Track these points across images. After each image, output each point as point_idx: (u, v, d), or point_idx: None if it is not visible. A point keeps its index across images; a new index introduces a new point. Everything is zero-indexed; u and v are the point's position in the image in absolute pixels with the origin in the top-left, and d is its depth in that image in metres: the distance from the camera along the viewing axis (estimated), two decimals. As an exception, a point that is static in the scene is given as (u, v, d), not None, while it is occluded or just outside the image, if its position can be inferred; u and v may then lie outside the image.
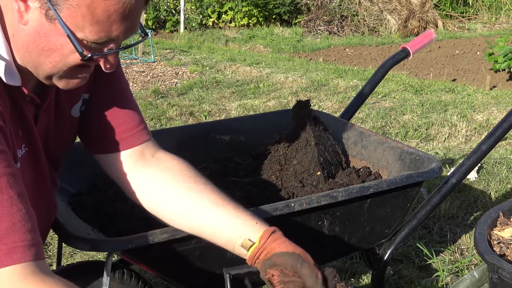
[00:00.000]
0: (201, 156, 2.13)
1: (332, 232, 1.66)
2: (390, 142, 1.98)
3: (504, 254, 1.61)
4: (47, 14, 1.04)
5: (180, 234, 1.35)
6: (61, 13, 1.04)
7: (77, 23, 1.05)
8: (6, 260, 0.96)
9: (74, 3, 1.02)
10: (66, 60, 1.10)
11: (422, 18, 9.78)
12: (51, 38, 1.07)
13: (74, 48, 1.07)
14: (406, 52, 2.32)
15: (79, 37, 1.06)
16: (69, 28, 1.05)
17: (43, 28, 1.06)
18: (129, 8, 1.06)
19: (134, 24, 1.12)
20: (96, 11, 1.03)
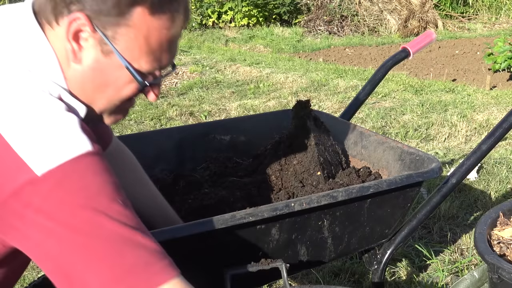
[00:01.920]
0: (201, 156, 2.13)
1: (332, 232, 1.66)
2: (390, 142, 1.98)
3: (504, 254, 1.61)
4: (103, 49, 1.05)
5: (180, 234, 1.35)
6: (118, 46, 1.05)
7: (133, 54, 1.07)
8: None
9: (131, 36, 1.04)
10: (121, 93, 1.11)
11: (422, 18, 9.78)
12: (107, 73, 1.08)
13: (128, 80, 1.09)
14: (406, 52, 2.32)
15: (136, 67, 1.08)
16: (126, 60, 1.07)
17: (99, 63, 1.07)
18: (176, 36, 1.11)
19: (176, 51, 1.16)
20: (151, 42, 1.06)
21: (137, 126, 4.69)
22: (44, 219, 0.94)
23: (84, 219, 0.95)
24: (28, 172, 0.94)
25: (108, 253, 0.95)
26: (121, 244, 0.96)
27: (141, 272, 0.96)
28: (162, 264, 0.99)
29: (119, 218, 0.97)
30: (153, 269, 0.97)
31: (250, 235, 1.50)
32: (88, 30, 1.04)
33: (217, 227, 1.39)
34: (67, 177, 0.95)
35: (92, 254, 0.95)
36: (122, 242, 0.96)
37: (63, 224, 0.94)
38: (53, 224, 0.94)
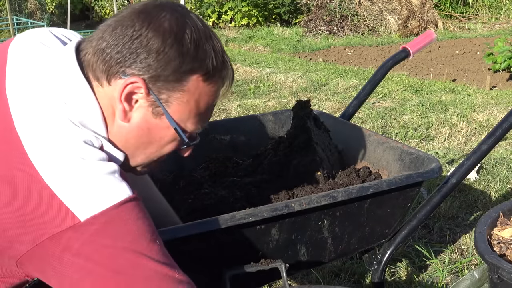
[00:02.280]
0: (201, 156, 2.13)
1: (332, 232, 1.66)
2: (390, 142, 1.98)
3: (504, 254, 1.61)
4: (154, 110, 1.11)
5: (180, 234, 1.35)
6: (169, 109, 1.11)
7: (182, 117, 1.13)
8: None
9: (184, 100, 1.11)
10: (162, 150, 1.18)
11: (422, 18, 9.78)
12: (155, 132, 1.14)
13: (172, 139, 1.16)
14: (407, 52, 2.32)
15: (182, 128, 1.14)
16: (176, 122, 1.13)
17: (147, 123, 1.12)
18: (218, 99, 1.18)
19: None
20: (201, 105, 1.14)
21: (137, 126, 4.69)
22: (83, 261, 0.98)
23: (125, 260, 0.99)
24: (72, 218, 0.98)
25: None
26: (162, 281, 1.01)
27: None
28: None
29: (159, 258, 1.02)
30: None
31: (250, 235, 1.50)
32: (142, 93, 1.08)
33: (217, 227, 1.39)
34: (110, 222, 0.99)
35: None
36: (163, 279, 1.01)
37: (103, 265, 0.98)
38: (92, 264, 0.98)
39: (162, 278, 1.01)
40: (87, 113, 1.08)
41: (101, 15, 11.96)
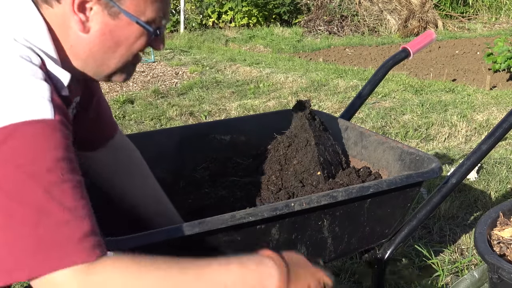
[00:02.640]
0: (201, 156, 2.13)
1: (332, 232, 1.66)
2: (390, 142, 1.98)
3: (504, 254, 1.61)
4: (111, 12, 1.12)
5: (178, 234, 1.35)
6: (123, 5, 1.12)
7: (139, 8, 1.13)
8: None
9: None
10: (132, 48, 1.18)
11: (422, 18, 9.78)
12: (118, 33, 1.14)
13: (139, 34, 1.16)
14: (407, 52, 2.32)
15: (143, 20, 1.15)
16: (134, 16, 1.14)
17: (108, 26, 1.13)
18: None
19: (169, 8, 1.23)
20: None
21: (137, 126, 4.69)
22: None
23: (14, 180, 0.94)
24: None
25: (27, 221, 0.93)
26: (44, 215, 0.93)
27: (56, 249, 0.93)
28: (83, 246, 0.95)
29: (51, 190, 0.95)
30: (70, 247, 0.94)
31: (250, 235, 1.50)
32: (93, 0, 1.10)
33: (217, 227, 1.39)
34: (13, 137, 0.95)
35: (10, 217, 0.93)
36: (46, 214, 0.94)
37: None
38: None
39: (46, 212, 0.94)
40: (32, 32, 1.09)
41: (101, 15, 11.95)
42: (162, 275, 1.03)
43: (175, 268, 1.05)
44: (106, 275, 0.96)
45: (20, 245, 0.93)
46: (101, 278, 0.96)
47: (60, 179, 0.97)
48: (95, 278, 0.95)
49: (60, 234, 0.94)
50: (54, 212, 0.94)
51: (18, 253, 0.93)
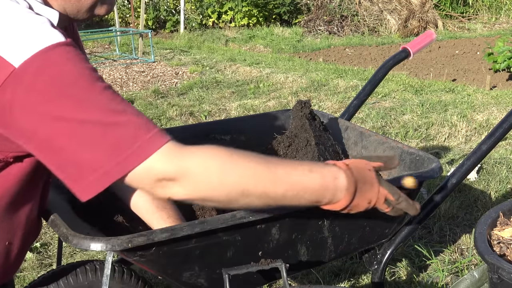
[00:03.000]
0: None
1: (332, 232, 1.66)
2: (390, 142, 1.98)
3: (504, 254, 1.61)
4: None
5: (180, 234, 1.35)
6: None
7: None
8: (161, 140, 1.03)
9: None
10: None
11: (422, 18, 9.78)
12: None
13: None
14: (407, 52, 2.32)
15: None
16: None
17: None
18: None
19: None
20: None
21: (137, 126, 4.69)
22: (30, 112, 1.00)
23: (68, 105, 1.00)
24: (8, 66, 1.00)
25: (99, 130, 1.00)
26: (114, 117, 1.01)
27: (129, 146, 1.00)
28: (153, 133, 1.02)
29: (102, 97, 1.02)
30: (140, 141, 1.01)
31: (250, 235, 1.50)
32: None
33: (217, 227, 1.39)
34: (45, 65, 1.00)
35: (79, 136, 1.00)
36: (114, 116, 1.01)
37: (46, 113, 0.99)
38: (38, 116, 0.99)
39: (111, 115, 1.01)
40: None
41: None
42: (253, 167, 1.07)
43: (264, 164, 1.09)
44: (201, 158, 1.05)
45: (103, 149, 1.00)
46: (194, 161, 1.04)
47: (102, 88, 1.03)
48: (189, 161, 1.04)
49: (129, 132, 1.01)
50: (119, 113, 1.02)
51: (108, 157, 1.00)
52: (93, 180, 1.01)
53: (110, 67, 6.94)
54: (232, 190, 1.05)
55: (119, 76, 6.56)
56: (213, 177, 1.04)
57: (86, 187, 1.02)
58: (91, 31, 9.72)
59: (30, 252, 2.66)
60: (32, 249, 2.70)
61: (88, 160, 1.00)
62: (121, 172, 1.00)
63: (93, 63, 7.40)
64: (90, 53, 8.17)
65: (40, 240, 2.80)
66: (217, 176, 1.04)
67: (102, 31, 9.25)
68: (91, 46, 8.75)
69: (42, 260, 2.62)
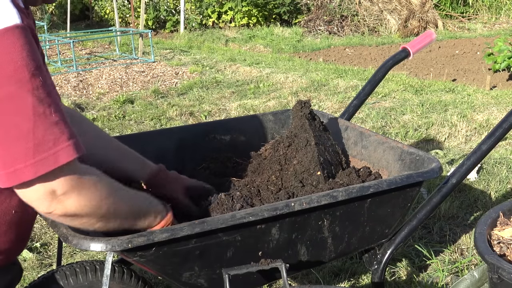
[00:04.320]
0: (201, 156, 2.13)
1: (332, 232, 1.66)
2: (390, 142, 1.98)
3: (504, 254, 1.61)
4: None
5: (180, 234, 1.35)
6: None
7: None
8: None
9: None
10: None
11: (422, 18, 9.78)
12: None
13: None
14: (406, 52, 2.32)
15: None
16: None
17: None
18: None
19: None
20: None
21: (137, 126, 4.69)
22: None
23: (7, 91, 1.03)
24: None
25: (25, 127, 1.04)
26: (38, 119, 1.05)
27: (50, 147, 1.06)
28: (70, 143, 1.09)
29: (39, 94, 1.05)
30: (61, 146, 1.07)
31: (250, 235, 1.50)
32: None
33: (217, 227, 1.39)
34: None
35: (8, 126, 1.03)
36: (39, 118, 1.05)
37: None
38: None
39: (41, 114, 1.05)
40: None
41: (101, 15, 11.96)
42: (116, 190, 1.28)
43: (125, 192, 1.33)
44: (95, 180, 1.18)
45: (20, 149, 1.04)
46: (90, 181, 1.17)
47: (41, 82, 1.06)
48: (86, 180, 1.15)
49: (54, 134, 1.07)
50: (45, 113, 1.05)
51: (21, 156, 1.04)
52: (3, 174, 1.06)
53: (110, 67, 6.94)
54: (109, 208, 1.23)
55: (119, 76, 6.56)
56: (102, 195, 1.19)
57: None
58: (91, 31, 9.72)
59: (30, 252, 2.66)
60: (32, 249, 2.70)
61: (6, 152, 1.04)
62: (33, 173, 1.06)
63: (93, 63, 7.40)
64: (90, 53, 8.17)
65: (40, 240, 2.80)
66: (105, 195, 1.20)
67: (102, 31, 9.24)
68: (91, 46, 8.74)
69: (42, 260, 2.62)
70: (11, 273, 1.39)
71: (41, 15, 11.59)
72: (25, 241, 1.41)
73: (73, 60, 6.80)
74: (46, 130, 1.05)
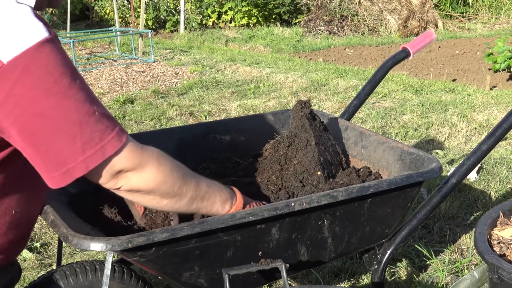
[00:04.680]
0: (201, 156, 2.13)
1: (332, 232, 1.66)
2: (390, 142, 1.98)
3: (504, 254, 1.61)
4: None
5: (180, 234, 1.35)
6: None
7: None
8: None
9: None
10: None
11: (422, 18, 9.78)
12: None
13: None
14: (406, 52, 2.32)
15: None
16: None
17: None
18: None
19: None
20: None
21: (137, 126, 4.69)
22: (12, 107, 1.07)
23: (48, 102, 1.08)
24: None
25: (72, 131, 1.10)
26: (83, 121, 1.11)
27: (97, 142, 1.13)
28: (113, 134, 1.15)
29: (80, 97, 1.11)
30: (107, 139, 1.14)
31: (250, 235, 1.50)
32: None
33: (217, 227, 1.39)
34: (32, 63, 1.07)
35: (56, 133, 1.10)
36: (86, 116, 1.12)
37: (28, 109, 1.08)
38: (19, 111, 1.08)
39: (84, 115, 1.11)
40: None
41: (101, 15, 11.96)
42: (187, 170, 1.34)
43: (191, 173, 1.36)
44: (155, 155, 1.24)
45: (71, 150, 1.11)
46: (151, 156, 1.22)
47: (80, 85, 1.12)
48: (146, 156, 1.21)
49: (99, 130, 1.13)
50: (89, 114, 1.12)
51: (71, 156, 1.12)
52: (57, 175, 1.13)
53: (110, 67, 6.94)
54: (176, 184, 1.27)
55: (119, 76, 6.56)
56: (166, 170, 1.25)
57: (53, 179, 1.14)
58: (91, 31, 9.72)
59: (30, 252, 2.66)
60: (32, 249, 2.70)
61: (57, 155, 1.11)
62: (84, 169, 1.13)
63: (93, 63, 7.40)
64: (90, 53, 8.17)
65: (40, 240, 2.80)
66: (168, 170, 1.25)
67: (102, 31, 9.25)
68: (91, 46, 8.75)
69: (42, 260, 2.62)
70: (10, 273, 1.40)
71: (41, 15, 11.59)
72: (25, 242, 1.41)
73: (73, 60, 6.80)
74: (92, 128, 1.12)
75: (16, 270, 1.44)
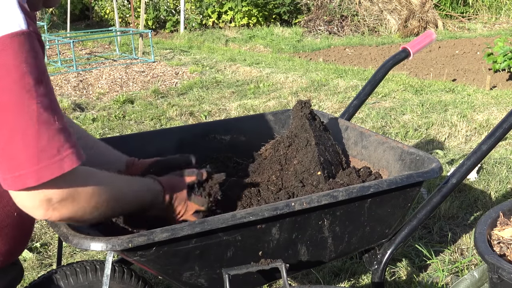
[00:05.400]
0: (201, 156, 2.13)
1: (332, 232, 1.66)
2: (390, 142, 1.98)
3: (504, 254, 1.61)
4: None
5: (180, 233, 1.35)
6: None
7: None
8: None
9: None
10: None
11: (422, 18, 9.78)
12: None
13: None
14: (407, 52, 2.32)
15: None
16: None
17: None
18: None
19: None
20: None
21: (137, 126, 4.69)
22: None
23: (13, 96, 1.04)
24: None
25: (29, 133, 1.05)
26: (42, 126, 1.06)
27: (54, 154, 1.07)
28: (72, 150, 1.10)
29: (42, 101, 1.07)
30: (65, 153, 1.09)
31: (250, 235, 1.50)
32: None
33: (217, 227, 1.39)
34: (3, 50, 1.04)
35: (13, 130, 1.04)
36: (43, 125, 1.06)
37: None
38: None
39: (43, 122, 1.06)
40: None
41: (101, 15, 11.96)
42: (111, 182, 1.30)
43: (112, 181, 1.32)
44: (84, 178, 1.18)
45: (25, 154, 1.05)
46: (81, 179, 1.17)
47: (44, 91, 1.08)
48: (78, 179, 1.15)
49: (57, 141, 1.08)
50: (49, 121, 1.07)
51: (25, 162, 1.05)
52: (9, 177, 1.07)
53: (110, 67, 6.94)
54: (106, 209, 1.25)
55: (119, 76, 6.56)
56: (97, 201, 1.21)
57: (5, 181, 1.08)
58: (91, 31, 9.72)
59: (30, 252, 2.66)
60: (32, 249, 2.70)
61: (13, 156, 1.06)
62: (36, 180, 1.07)
63: (93, 63, 7.40)
64: (90, 53, 8.17)
65: (40, 240, 2.80)
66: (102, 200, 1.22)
67: (102, 31, 9.25)
68: (91, 46, 8.74)
69: (42, 260, 2.62)
70: (12, 273, 1.40)
71: (41, 15, 11.58)
72: (26, 242, 1.41)
73: (73, 60, 6.80)
74: (50, 137, 1.07)
75: (18, 270, 1.45)
